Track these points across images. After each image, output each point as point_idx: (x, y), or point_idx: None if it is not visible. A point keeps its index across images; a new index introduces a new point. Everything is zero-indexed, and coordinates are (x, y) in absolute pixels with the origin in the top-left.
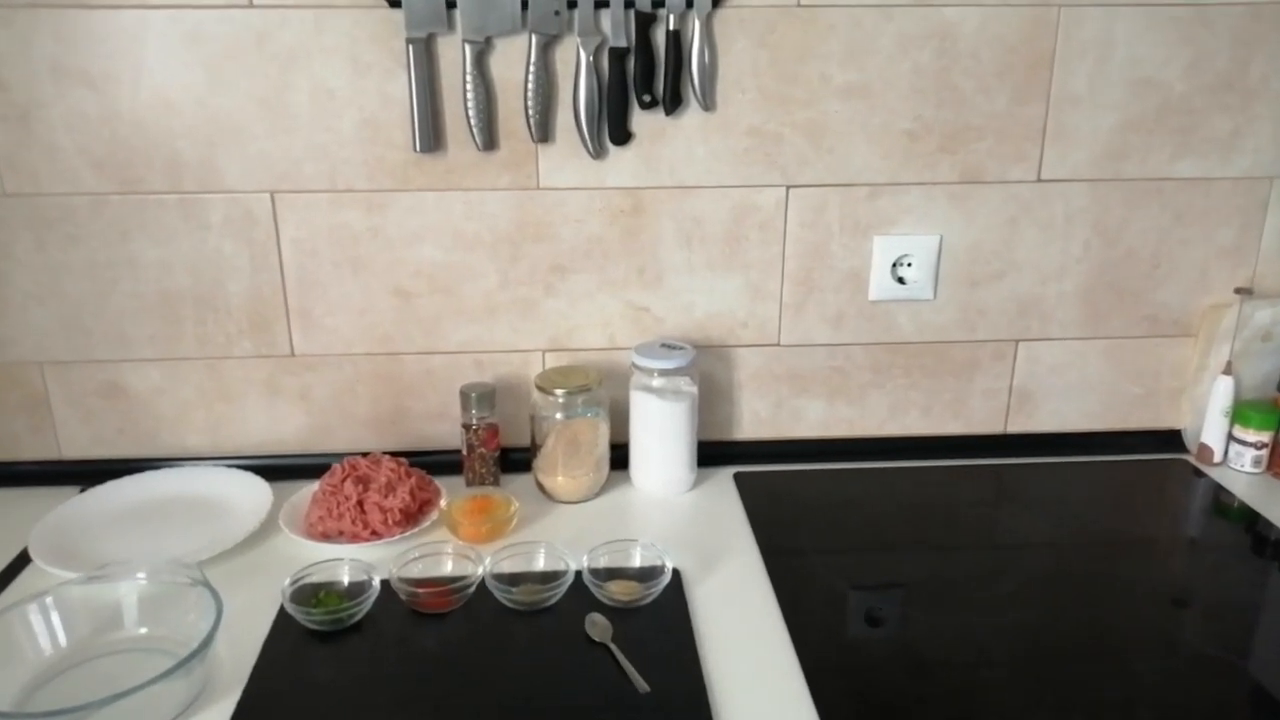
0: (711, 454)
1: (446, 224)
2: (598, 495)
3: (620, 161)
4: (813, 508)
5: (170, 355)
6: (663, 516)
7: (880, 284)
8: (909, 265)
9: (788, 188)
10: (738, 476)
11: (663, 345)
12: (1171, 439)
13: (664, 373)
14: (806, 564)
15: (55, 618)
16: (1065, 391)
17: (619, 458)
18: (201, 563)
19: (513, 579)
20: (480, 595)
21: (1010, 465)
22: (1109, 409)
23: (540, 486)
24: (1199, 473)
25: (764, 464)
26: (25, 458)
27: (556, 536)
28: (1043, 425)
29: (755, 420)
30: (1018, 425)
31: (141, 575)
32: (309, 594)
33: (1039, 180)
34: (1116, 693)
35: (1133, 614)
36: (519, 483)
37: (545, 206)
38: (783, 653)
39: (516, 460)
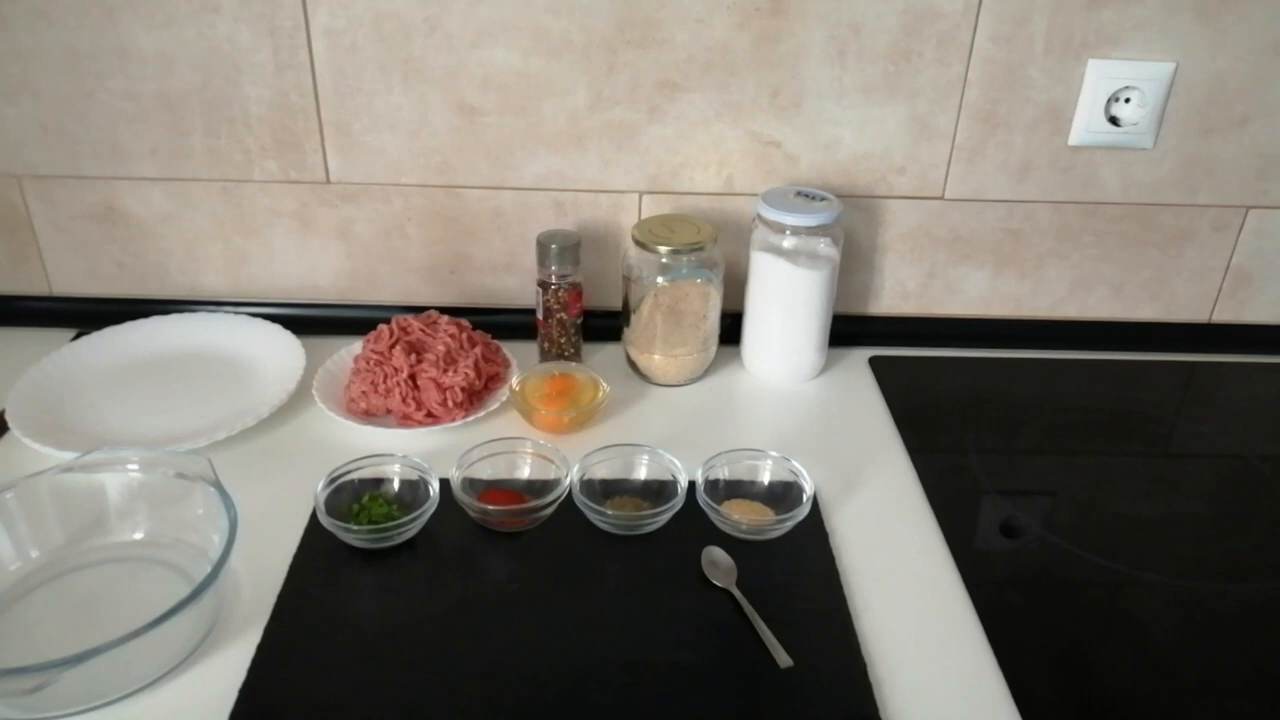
0: (839, 332)
1: (525, 17)
2: (701, 378)
3: None
4: (974, 405)
5: (177, 174)
6: (785, 411)
7: (1088, 124)
8: (1128, 101)
9: None
10: (874, 362)
11: (798, 194)
12: None
13: (800, 230)
14: (973, 480)
15: (20, 521)
16: None
17: (727, 332)
18: (216, 443)
19: (606, 489)
20: (564, 507)
21: (1208, 363)
22: None
23: (631, 364)
24: None
25: (905, 347)
26: (9, 291)
27: (651, 430)
28: (1256, 315)
29: (899, 292)
30: (1226, 314)
31: (134, 466)
32: (350, 497)
33: None
34: None
35: None
36: (602, 356)
37: None
38: (960, 611)
39: (600, 328)
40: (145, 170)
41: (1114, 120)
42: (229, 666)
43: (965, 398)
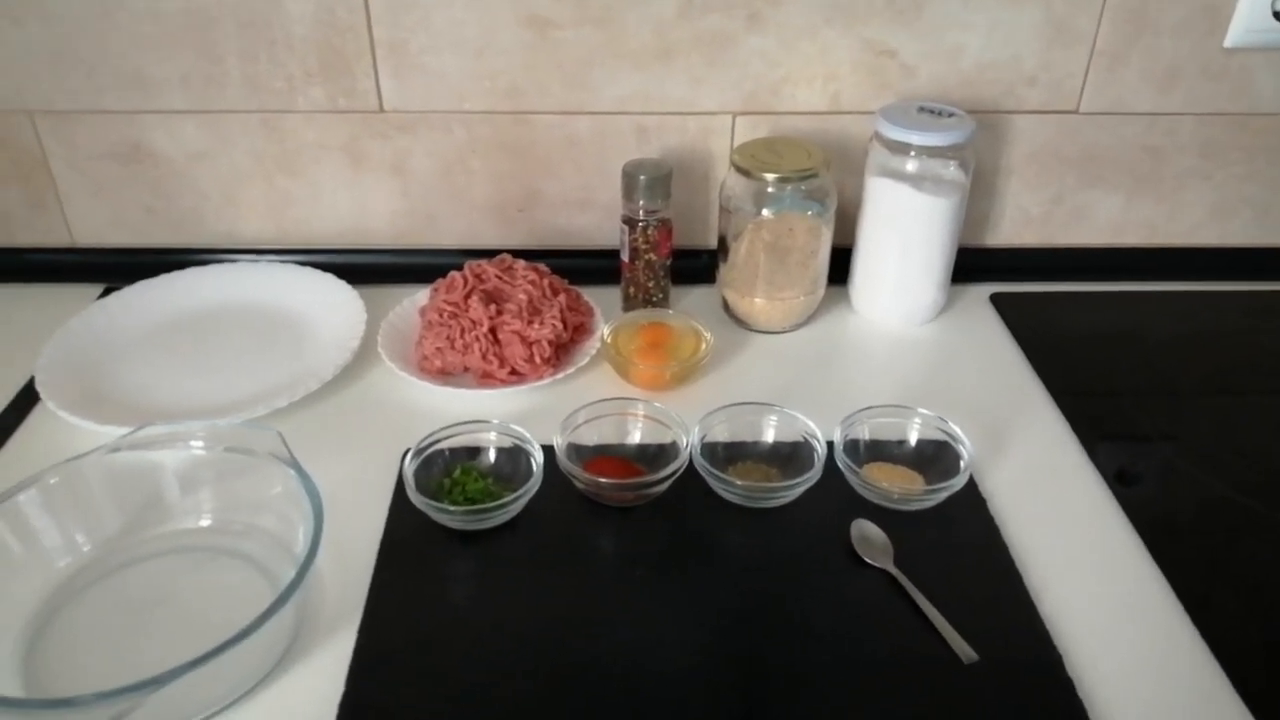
0: (956, 266)
1: None
2: (805, 323)
3: None
4: (1115, 345)
5: (209, 106)
6: (906, 357)
7: (1249, 20)
8: None
9: None
10: (996, 299)
11: (920, 109)
12: None
13: (925, 151)
14: (1135, 428)
15: (68, 509)
16: None
17: (832, 269)
18: (277, 411)
19: (728, 454)
20: (679, 476)
21: None
22: None
23: (729, 309)
24: None
25: (1026, 281)
26: (25, 243)
27: (758, 383)
28: None
29: (1021, 220)
30: None
31: (197, 443)
32: (440, 471)
33: None
34: None
35: None
36: (692, 299)
37: None
38: (1152, 586)
39: (685, 269)
40: (174, 102)
41: (1279, 16)
42: (322, 677)
43: (1103, 337)
